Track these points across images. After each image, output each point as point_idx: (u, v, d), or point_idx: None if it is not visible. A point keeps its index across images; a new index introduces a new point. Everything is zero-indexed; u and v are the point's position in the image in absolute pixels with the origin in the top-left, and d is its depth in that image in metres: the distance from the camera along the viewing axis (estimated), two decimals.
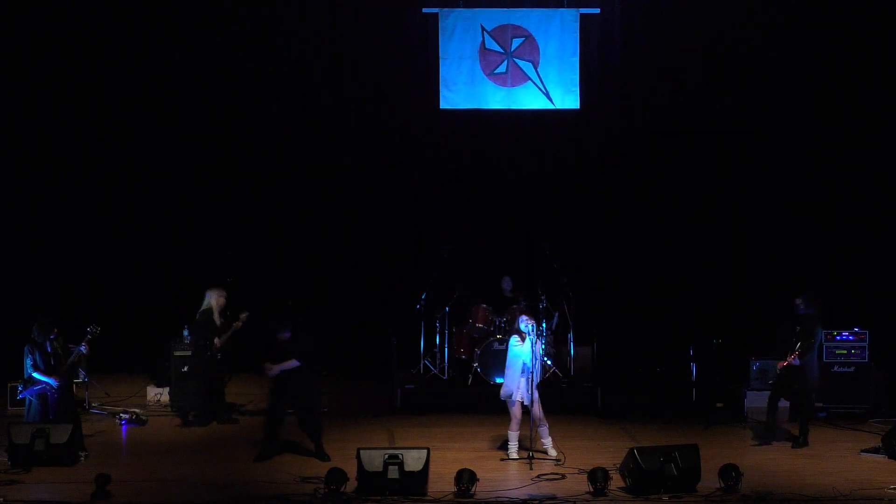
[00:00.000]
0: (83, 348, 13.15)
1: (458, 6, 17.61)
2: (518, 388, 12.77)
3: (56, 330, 13.16)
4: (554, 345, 15.78)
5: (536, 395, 12.88)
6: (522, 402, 12.76)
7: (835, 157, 17.56)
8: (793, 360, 13.45)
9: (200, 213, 17.67)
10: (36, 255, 17.47)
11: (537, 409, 12.90)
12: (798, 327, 13.55)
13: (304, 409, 12.98)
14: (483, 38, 17.62)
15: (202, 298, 14.81)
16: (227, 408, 14.80)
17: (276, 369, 12.80)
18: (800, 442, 13.54)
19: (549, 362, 15.51)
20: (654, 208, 17.94)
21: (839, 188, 17.54)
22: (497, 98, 17.72)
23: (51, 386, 12.98)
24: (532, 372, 12.67)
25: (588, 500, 11.49)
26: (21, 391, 13.30)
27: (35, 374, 13.01)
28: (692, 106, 17.82)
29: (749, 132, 17.74)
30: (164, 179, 17.70)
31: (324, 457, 12.78)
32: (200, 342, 14.69)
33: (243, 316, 14.54)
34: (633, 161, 17.96)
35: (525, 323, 12.83)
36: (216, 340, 14.60)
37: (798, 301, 13.74)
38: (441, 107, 17.73)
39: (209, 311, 14.68)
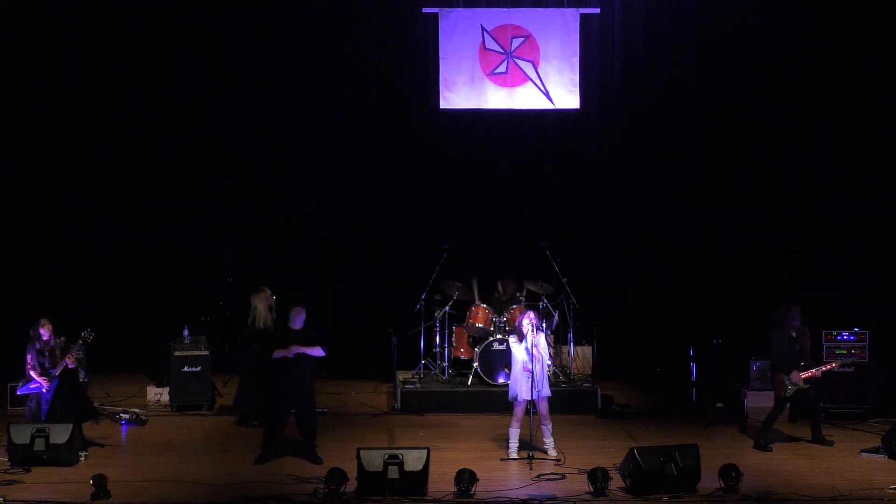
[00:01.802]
0: (70, 364, 13.07)
1: (458, 6, 17.61)
2: (522, 388, 12.78)
3: (50, 329, 13.09)
4: (554, 345, 15.78)
5: (545, 392, 12.88)
6: (529, 400, 12.76)
7: (835, 156, 17.56)
8: (818, 373, 13.50)
9: (200, 214, 17.64)
10: (36, 255, 17.46)
11: (543, 407, 12.91)
12: (796, 337, 13.53)
13: (305, 409, 12.92)
14: (483, 38, 17.61)
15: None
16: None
17: (301, 349, 12.66)
18: (826, 440, 13.62)
19: (548, 362, 15.48)
20: (654, 208, 17.94)
21: (839, 187, 17.54)
22: (497, 98, 17.71)
23: (40, 388, 12.97)
24: (532, 371, 12.67)
25: (588, 500, 11.50)
26: (20, 387, 13.31)
27: (31, 373, 13.03)
28: (692, 106, 17.82)
29: (749, 131, 17.73)
30: (164, 179, 17.68)
31: (316, 459, 12.74)
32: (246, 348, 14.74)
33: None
34: (632, 161, 17.96)
35: (527, 319, 12.83)
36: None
37: (795, 310, 13.66)
38: (441, 107, 17.72)
39: (252, 315, 14.67)
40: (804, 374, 13.44)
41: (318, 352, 12.80)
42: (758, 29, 17.57)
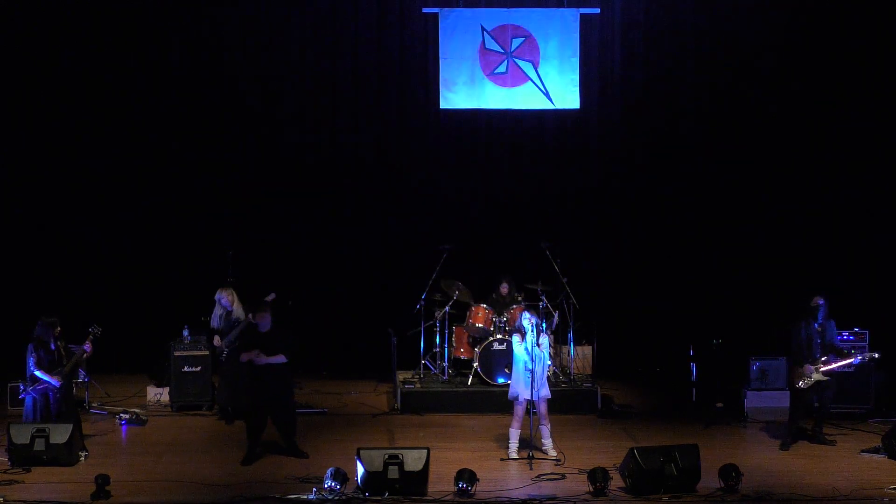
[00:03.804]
0: (87, 347, 13.12)
1: (458, 6, 17.61)
2: (523, 387, 12.79)
3: (59, 329, 13.14)
4: (554, 345, 15.77)
5: (545, 392, 12.88)
6: (529, 400, 12.77)
7: (834, 156, 17.56)
8: (837, 368, 13.47)
9: (200, 213, 17.65)
10: (36, 255, 17.46)
11: (542, 408, 12.92)
12: (818, 328, 13.49)
13: (279, 407, 12.90)
14: (483, 38, 17.62)
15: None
16: None
17: (263, 359, 12.70)
18: (827, 440, 13.60)
19: (548, 362, 15.48)
20: (654, 208, 17.94)
21: (839, 188, 17.54)
22: (497, 98, 17.70)
23: (52, 386, 12.96)
24: (533, 371, 12.68)
25: (588, 500, 11.50)
26: (23, 390, 13.28)
27: (37, 373, 12.99)
28: (692, 106, 17.82)
29: (749, 132, 17.73)
30: (164, 178, 17.68)
31: (299, 454, 12.78)
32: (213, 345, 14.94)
33: (269, 298, 14.46)
34: (632, 161, 17.96)
35: (527, 320, 12.84)
36: (215, 339, 14.69)
37: (822, 302, 13.63)
38: (441, 107, 17.71)
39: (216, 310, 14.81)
40: (823, 368, 13.42)
41: (278, 359, 12.78)
42: (760, 28, 17.56)
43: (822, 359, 13.43)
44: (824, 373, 13.44)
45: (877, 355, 13.80)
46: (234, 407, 14.48)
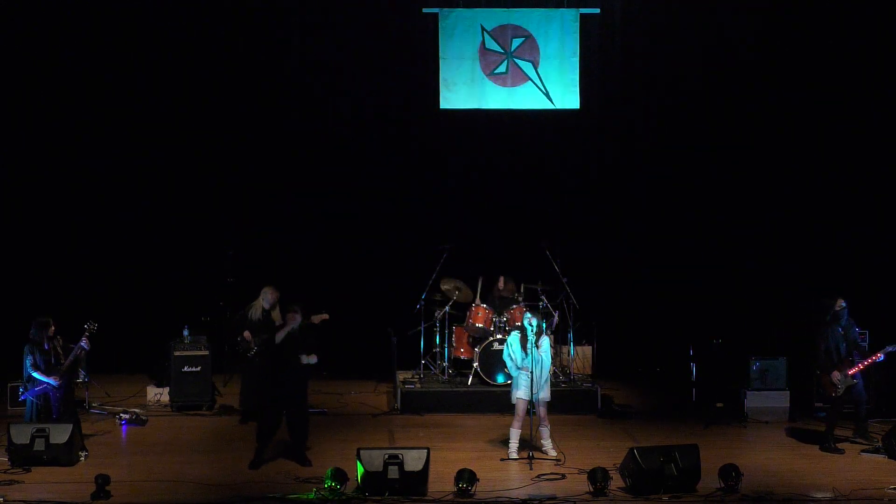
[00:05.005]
0: (83, 344, 13.09)
1: (458, 6, 17.60)
2: (521, 385, 12.80)
3: (54, 329, 13.14)
4: (554, 345, 15.76)
5: (544, 394, 12.89)
6: (529, 401, 12.77)
7: (834, 156, 17.57)
8: (863, 366, 13.42)
9: (200, 213, 17.66)
10: (36, 255, 17.46)
11: (542, 410, 12.92)
12: (842, 331, 13.44)
13: (292, 405, 12.89)
14: (483, 38, 17.62)
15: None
16: None
17: (310, 360, 12.76)
18: (869, 434, 13.59)
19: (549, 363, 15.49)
20: (654, 208, 17.95)
21: (838, 188, 17.55)
22: (497, 98, 17.70)
23: (52, 386, 12.96)
24: (532, 371, 12.68)
25: (588, 500, 11.51)
26: (23, 392, 13.27)
27: (35, 374, 12.99)
28: (692, 106, 17.82)
29: (749, 132, 17.74)
30: (164, 178, 17.69)
31: (305, 462, 12.72)
32: (236, 338, 14.84)
33: (320, 317, 14.45)
34: (632, 161, 17.97)
35: (527, 320, 12.85)
36: (245, 334, 14.64)
37: (845, 304, 13.59)
38: (441, 107, 17.70)
39: (250, 306, 14.72)
40: (851, 371, 13.38)
41: (313, 359, 12.86)
42: (760, 29, 17.55)
43: (849, 360, 13.38)
44: (852, 375, 13.40)
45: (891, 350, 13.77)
46: (248, 407, 14.46)
